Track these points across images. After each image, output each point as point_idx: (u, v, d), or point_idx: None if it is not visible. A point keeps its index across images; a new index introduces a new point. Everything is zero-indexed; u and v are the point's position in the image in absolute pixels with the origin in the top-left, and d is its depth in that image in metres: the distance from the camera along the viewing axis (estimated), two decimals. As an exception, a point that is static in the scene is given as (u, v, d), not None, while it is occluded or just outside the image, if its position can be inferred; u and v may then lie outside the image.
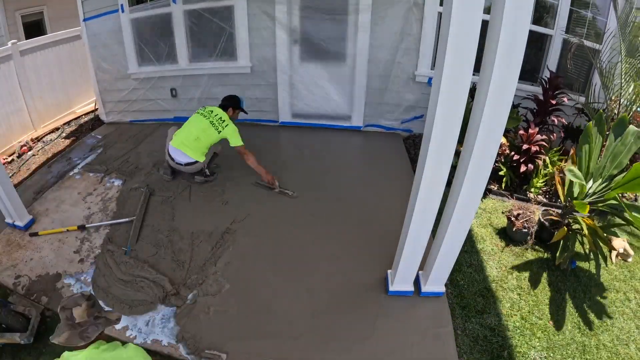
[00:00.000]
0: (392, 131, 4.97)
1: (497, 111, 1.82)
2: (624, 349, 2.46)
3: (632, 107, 3.71)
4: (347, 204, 3.60)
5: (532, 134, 3.76)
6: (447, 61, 1.70)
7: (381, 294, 2.70)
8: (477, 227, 3.44)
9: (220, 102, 3.78)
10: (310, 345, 2.38)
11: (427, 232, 2.33)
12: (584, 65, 4.44)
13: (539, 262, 3.10)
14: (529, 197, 3.84)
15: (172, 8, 4.43)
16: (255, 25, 4.45)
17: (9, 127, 4.66)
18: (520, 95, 4.30)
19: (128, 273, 2.84)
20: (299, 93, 4.86)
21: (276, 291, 2.73)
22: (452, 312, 2.61)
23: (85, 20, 4.56)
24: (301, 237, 3.21)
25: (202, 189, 3.78)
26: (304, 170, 4.15)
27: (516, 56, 1.68)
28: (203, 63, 4.76)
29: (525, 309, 2.71)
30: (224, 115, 3.59)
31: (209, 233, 3.21)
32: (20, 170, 4.34)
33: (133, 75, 4.85)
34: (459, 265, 2.97)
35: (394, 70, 4.54)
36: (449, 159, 2.01)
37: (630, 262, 3.10)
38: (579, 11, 4.26)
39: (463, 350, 2.40)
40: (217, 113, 3.58)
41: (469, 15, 1.61)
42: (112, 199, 3.65)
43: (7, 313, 2.34)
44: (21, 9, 6.57)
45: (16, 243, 3.13)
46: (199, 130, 3.50)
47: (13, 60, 4.56)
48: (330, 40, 4.51)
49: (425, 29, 4.25)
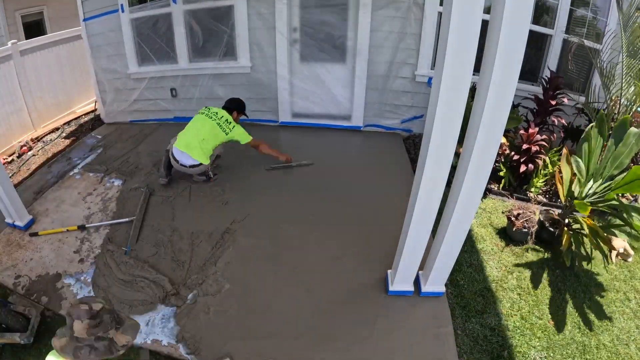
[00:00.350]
0: (392, 131, 4.97)
1: (497, 111, 1.82)
2: (624, 349, 2.46)
3: (632, 107, 3.71)
4: (347, 204, 3.60)
5: (532, 134, 3.76)
6: (447, 61, 1.70)
7: (381, 294, 2.70)
8: (477, 227, 3.44)
9: (225, 104, 3.79)
10: (310, 345, 2.38)
11: (427, 232, 2.33)
12: (584, 65, 4.44)
13: (539, 262, 3.10)
14: (529, 197, 3.84)
15: (172, 8, 4.44)
16: (255, 25, 4.45)
17: (9, 127, 4.66)
18: (520, 95, 4.29)
19: (128, 273, 2.84)
20: (299, 93, 4.86)
21: (276, 291, 2.72)
22: (452, 312, 2.61)
23: (85, 20, 4.56)
24: (301, 237, 3.20)
25: (202, 189, 3.78)
26: (304, 170, 4.15)
27: (516, 56, 1.68)
28: (203, 63, 4.76)
29: (525, 308, 2.70)
30: (229, 118, 3.61)
31: (209, 233, 3.21)
32: (20, 170, 4.34)
33: (133, 75, 4.85)
34: (459, 265, 2.97)
35: (394, 70, 4.54)
36: (449, 159, 2.01)
37: (630, 262, 3.10)
38: (579, 11, 4.26)
39: (463, 350, 2.40)
40: (222, 115, 3.58)
41: (469, 15, 1.61)
42: (112, 199, 3.65)
43: (7, 313, 2.34)
44: (21, 9, 6.58)
45: (16, 243, 3.13)
46: (205, 132, 3.48)
47: (13, 60, 4.56)
48: (330, 40, 4.51)
49: (425, 29, 4.25)
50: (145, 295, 2.67)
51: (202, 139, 3.46)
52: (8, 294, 2.72)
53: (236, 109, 3.73)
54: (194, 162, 3.52)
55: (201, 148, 3.47)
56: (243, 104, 3.79)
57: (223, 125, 3.52)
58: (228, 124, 3.55)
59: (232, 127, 3.55)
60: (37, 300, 2.65)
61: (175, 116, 5.09)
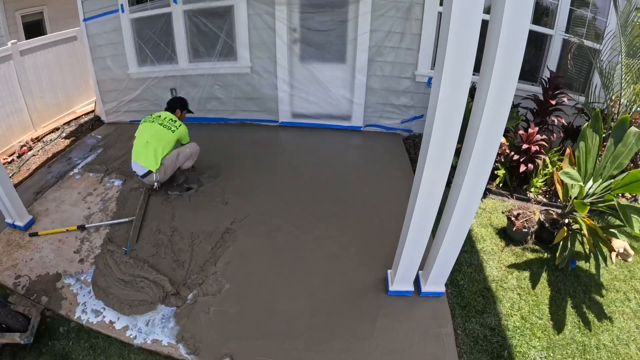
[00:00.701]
0: (392, 131, 4.97)
1: (497, 111, 1.82)
2: (624, 349, 2.46)
3: (632, 107, 3.71)
4: (347, 204, 3.60)
5: (532, 134, 3.76)
6: (447, 61, 1.70)
7: (381, 294, 2.70)
8: (477, 227, 3.44)
9: (167, 105, 3.76)
10: (310, 345, 2.38)
11: (427, 232, 2.33)
12: (584, 65, 4.44)
13: (539, 262, 3.10)
14: (529, 197, 3.84)
15: (172, 8, 4.44)
16: (255, 25, 4.45)
17: (9, 127, 4.66)
18: (520, 95, 4.30)
19: (128, 273, 2.84)
20: (299, 93, 4.86)
21: (276, 291, 2.73)
22: (452, 312, 2.61)
23: (85, 20, 4.56)
24: (301, 237, 3.21)
25: (202, 189, 3.78)
26: (304, 171, 4.15)
27: (516, 56, 1.68)
28: (203, 63, 4.76)
29: (525, 308, 2.71)
30: (174, 117, 3.62)
31: (209, 233, 3.21)
32: (20, 170, 4.34)
33: (133, 75, 4.85)
34: (459, 265, 2.97)
35: (394, 70, 4.54)
36: (449, 159, 2.01)
37: (630, 262, 3.10)
38: (579, 11, 4.26)
39: (463, 350, 2.40)
40: (165, 116, 3.59)
41: (469, 15, 1.61)
42: (112, 199, 3.65)
43: (7, 313, 2.34)
44: (21, 9, 6.58)
45: (16, 243, 3.13)
46: (149, 135, 3.45)
47: (13, 60, 4.56)
48: (330, 40, 4.51)
49: (425, 29, 4.25)
50: (145, 295, 2.67)
51: (146, 141, 3.42)
52: (8, 294, 2.72)
53: (179, 107, 3.72)
54: (144, 171, 3.47)
55: (146, 154, 3.41)
56: (184, 100, 3.79)
57: (168, 124, 3.50)
58: (173, 122, 3.54)
59: (178, 125, 3.55)
60: (37, 300, 2.66)
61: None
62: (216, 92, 4.89)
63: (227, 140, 4.76)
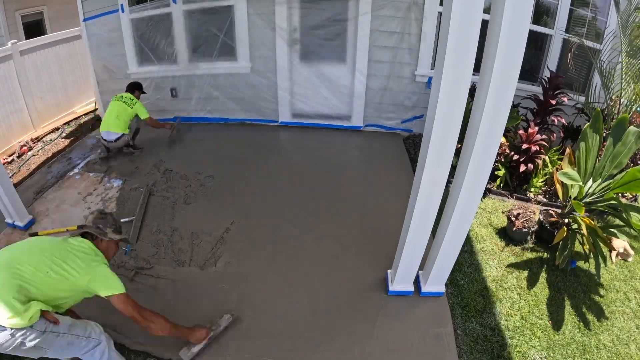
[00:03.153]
0: (392, 131, 4.97)
1: (497, 111, 1.82)
2: (624, 349, 2.47)
3: (632, 107, 3.71)
4: (347, 204, 3.60)
5: (532, 134, 3.76)
6: (447, 61, 1.70)
7: (381, 294, 2.70)
8: (477, 227, 3.44)
9: (127, 88, 4.39)
10: (310, 345, 2.38)
11: (427, 232, 2.33)
12: (584, 65, 4.44)
13: (539, 262, 3.10)
14: (529, 196, 3.84)
15: (172, 8, 4.44)
16: (255, 25, 4.45)
17: (9, 127, 4.66)
18: (520, 95, 4.30)
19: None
20: (299, 93, 4.86)
21: (276, 291, 2.73)
22: (452, 312, 2.61)
23: (85, 20, 4.56)
24: (301, 237, 3.20)
25: (202, 189, 3.78)
26: (304, 171, 4.15)
27: (516, 56, 1.68)
28: (203, 63, 4.76)
29: (525, 308, 2.71)
30: (132, 96, 4.34)
31: (209, 233, 3.21)
32: (20, 170, 4.34)
33: (133, 75, 4.84)
34: (459, 265, 2.97)
35: (394, 70, 4.54)
36: (449, 159, 2.01)
37: (630, 262, 3.10)
38: (579, 11, 4.26)
39: (463, 350, 2.40)
40: (127, 96, 4.31)
41: (469, 15, 1.61)
42: (112, 199, 3.65)
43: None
44: (21, 9, 6.57)
45: (16, 243, 3.12)
46: (118, 110, 4.21)
47: (13, 60, 4.56)
48: (330, 40, 4.51)
49: (425, 29, 4.25)
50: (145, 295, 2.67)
51: (116, 115, 4.19)
52: (8, 294, 2.72)
53: (136, 88, 4.44)
54: (116, 136, 4.21)
55: (117, 123, 4.19)
56: (139, 84, 4.50)
57: (128, 102, 4.26)
58: (131, 101, 4.29)
59: (134, 103, 4.29)
60: (37, 300, 2.65)
61: (175, 116, 5.09)
62: (216, 91, 4.89)
63: (227, 140, 4.76)
